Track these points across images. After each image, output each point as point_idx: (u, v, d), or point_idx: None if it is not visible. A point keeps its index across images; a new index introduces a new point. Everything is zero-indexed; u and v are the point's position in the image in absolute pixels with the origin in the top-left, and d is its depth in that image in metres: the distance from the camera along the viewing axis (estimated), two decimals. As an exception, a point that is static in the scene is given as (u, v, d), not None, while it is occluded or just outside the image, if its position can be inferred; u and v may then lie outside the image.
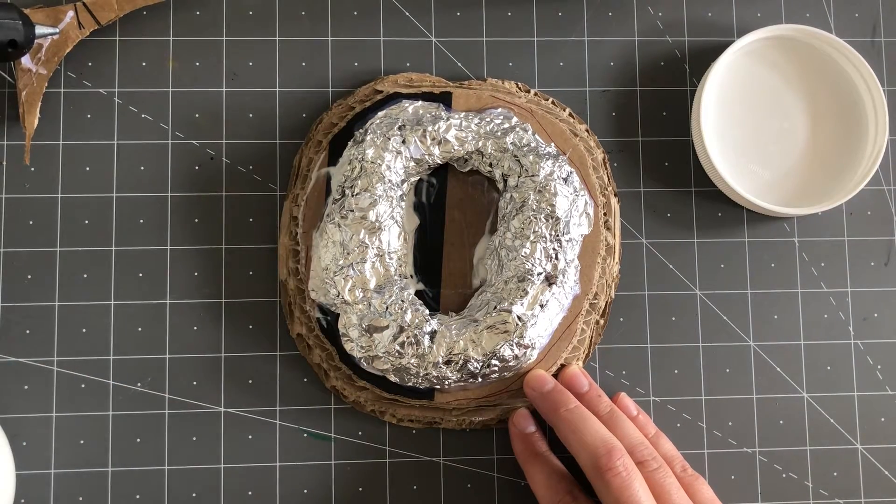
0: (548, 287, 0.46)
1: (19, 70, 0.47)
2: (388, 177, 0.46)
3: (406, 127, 0.47)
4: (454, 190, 0.49)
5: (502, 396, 0.48)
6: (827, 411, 0.51)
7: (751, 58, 0.52)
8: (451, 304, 0.48)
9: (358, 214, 0.46)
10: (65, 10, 0.48)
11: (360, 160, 0.46)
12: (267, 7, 0.51)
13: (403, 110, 0.48)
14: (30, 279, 0.48)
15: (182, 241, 0.49)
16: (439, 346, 0.45)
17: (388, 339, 0.45)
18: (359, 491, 0.48)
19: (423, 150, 0.47)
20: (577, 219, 0.47)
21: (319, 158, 0.48)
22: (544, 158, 0.47)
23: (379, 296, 0.46)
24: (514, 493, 0.49)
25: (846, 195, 0.50)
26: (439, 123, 0.47)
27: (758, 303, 0.51)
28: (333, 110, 0.49)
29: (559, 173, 0.47)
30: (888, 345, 0.51)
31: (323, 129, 0.49)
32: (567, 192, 0.47)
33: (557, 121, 0.49)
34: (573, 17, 0.52)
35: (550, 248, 0.46)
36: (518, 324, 0.45)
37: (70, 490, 0.47)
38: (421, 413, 0.48)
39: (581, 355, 0.48)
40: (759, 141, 0.51)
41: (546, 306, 0.46)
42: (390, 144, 0.46)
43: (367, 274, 0.46)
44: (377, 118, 0.48)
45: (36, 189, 0.49)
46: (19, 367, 0.48)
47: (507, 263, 0.46)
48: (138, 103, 0.50)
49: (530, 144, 0.47)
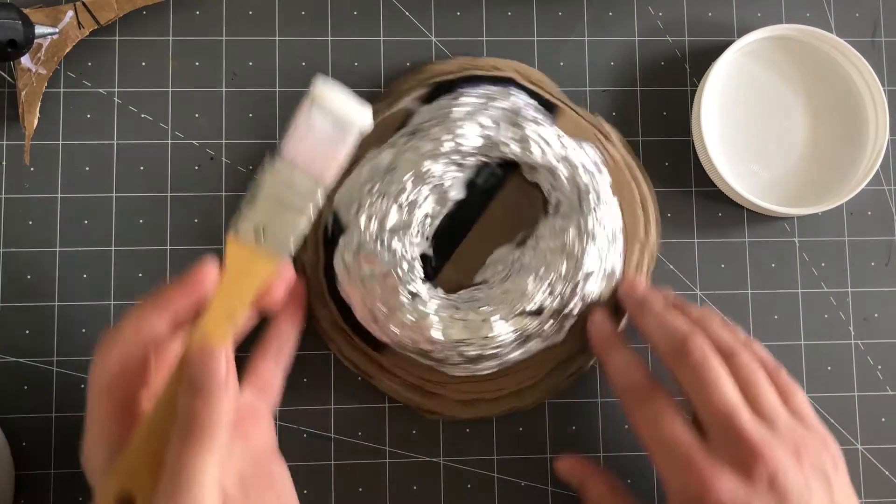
0: (533, 319, 0.46)
1: (19, 70, 0.47)
2: (461, 141, 0.46)
3: (502, 108, 0.46)
4: (511, 189, 0.48)
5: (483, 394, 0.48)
6: (827, 411, 0.51)
7: (751, 58, 0.52)
8: (446, 284, 0.48)
9: (416, 157, 0.46)
10: (64, 9, 0.48)
11: (447, 113, 0.46)
12: (267, 7, 0.51)
13: (509, 97, 0.48)
14: (30, 279, 0.48)
15: (182, 241, 0.49)
16: (412, 310, 0.45)
17: (371, 274, 0.45)
18: (359, 491, 0.48)
19: (505, 137, 0.46)
20: (597, 279, 0.47)
21: (416, 93, 0.48)
22: (600, 224, 0.46)
23: (390, 235, 0.45)
24: (515, 493, 0.49)
25: (846, 195, 0.50)
26: (534, 126, 0.46)
27: (758, 303, 0.51)
28: (451, 62, 0.49)
29: (603, 238, 0.46)
30: (888, 345, 0.51)
31: (438, 71, 0.49)
32: (598, 256, 0.46)
33: (635, 188, 0.49)
34: (573, 17, 0.52)
35: (559, 290, 0.46)
36: (488, 334, 0.45)
37: (70, 490, 0.47)
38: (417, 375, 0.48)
39: None
40: (759, 141, 0.51)
41: (523, 336, 0.46)
42: (482, 116, 0.46)
43: (392, 212, 0.46)
44: (484, 88, 0.48)
45: (36, 189, 0.49)
46: (19, 367, 0.48)
47: (514, 277, 0.46)
48: (138, 103, 0.50)
49: (597, 198, 0.46)
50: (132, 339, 0.36)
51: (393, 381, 0.48)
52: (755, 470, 0.38)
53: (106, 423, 0.36)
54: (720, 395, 0.40)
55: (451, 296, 0.47)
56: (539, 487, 0.49)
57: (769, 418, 0.40)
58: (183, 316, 0.37)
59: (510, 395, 0.48)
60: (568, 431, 0.50)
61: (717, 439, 0.39)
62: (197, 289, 0.37)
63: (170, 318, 0.37)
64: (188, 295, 0.37)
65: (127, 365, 0.36)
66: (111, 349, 0.36)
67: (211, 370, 0.35)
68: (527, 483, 0.49)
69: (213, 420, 0.34)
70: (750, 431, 0.39)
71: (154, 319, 0.36)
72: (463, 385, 0.48)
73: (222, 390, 0.35)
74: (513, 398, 0.48)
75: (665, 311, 0.45)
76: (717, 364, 0.41)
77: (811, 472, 0.39)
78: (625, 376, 0.44)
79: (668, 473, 0.40)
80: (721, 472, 0.38)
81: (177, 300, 0.37)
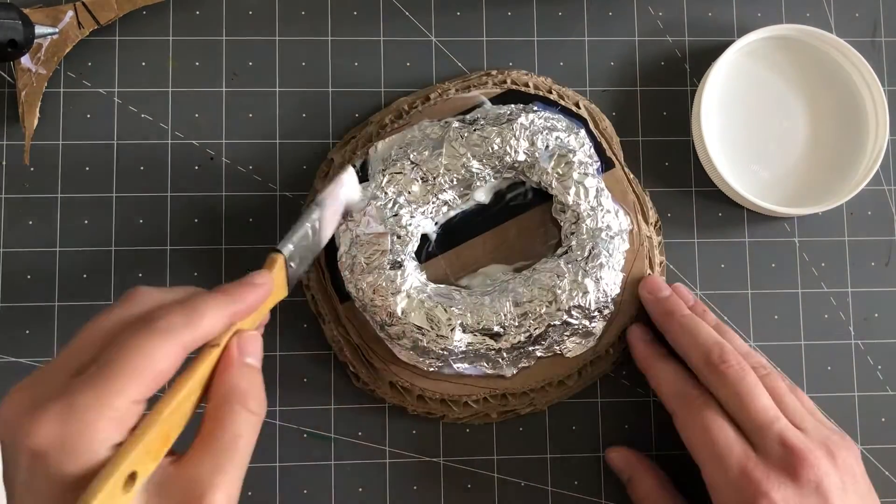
0: (492, 341, 0.46)
1: (19, 70, 0.47)
2: (508, 150, 0.46)
3: (562, 141, 0.47)
4: (533, 216, 0.49)
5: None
6: (827, 411, 0.50)
7: (751, 58, 0.52)
8: (432, 272, 0.48)
9: (460, 146, 0.46)
10: (64, 9, 0.48)
11: (510, 119, 0.46)
12: (267, 7, 0.51)
13: (573, 134, 0.48)
14: (30, 279, 0.48)
15: (182, 241, 0.49)
16: (389, 277, 0.45)
17: (368, 229, 0.45)
18: (359, 491, 0.48)
19: (550, 167, 0.46)
20: (575, 337, 0.47)
21: (491, 90, 0.49)
22: (597, 286, 0.46)
23: (403, 202, 0.46)
24: (514, 493, 0.49)
25: (846, 195, 0.50)
26: (581, 171, 0.47)
27: (758, 303, 0.51)
28: (539, 79, 0.50)
29: (593, 299, 0.46)
30: (888, 345, 0.51)
31: (520, 80, 0.49)
32: (582, 314, 0.46)
33: (647, 268, 0.49)
34: (573, 17, 0.52)
35: (530, 326, 0.45)
36: (444, 335, 0.45)
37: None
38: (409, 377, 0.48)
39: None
40: (759, 141, 0.51)
41: (474, 352, 0.46)
42: (539, 138, 0.46)
43: (416, 184, 0.46)
44: (556, 115, 0.48)
45: (36, 189, 0.49)
46: (19, 367, 0.48)
47: (495, 295, 0.46)
48: (138, 103, 0.50)
49: (606, 261, 0.46)
50: (196, 336, 0.35)
51: (340, 331, 0.48)
52: (803, 476, 0.41)
53: (124, 410, 0.34)
54: (761, 406, 0.42)
55: (430, 284, 0.47)
56: (539, 487, 0.49)
57: (799, 423, 0.43)
58: (239, 319, 0.37)
59: (440, 402, 0.48)
60: (568, 431, 0.50)
61: (764, 448, 0.41)
62: (259, 297, 0.37)
63: (230, 321, 0.36)
64: (250, 302, 0.37)
65: (178, 358, 0.34)
66: (171, 339, 0.34)
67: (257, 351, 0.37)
68: (527, 483, 0.49)
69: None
70: (793, 439, 0.41)
71: (219, 321, 0.35)
72: (403, 371, 0.47)
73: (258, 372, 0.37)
74: (442, 406, 0.48)
75: (692, 319, 0.46)
76: (753, 376, 0.43)
77: (844, 471, 0.42)
78: (674, 386, 0.45)
79: (720, 480, 0.42)
80: (775, 481, 0.41)
81: (240, 306, 0.36)
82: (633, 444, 0.49)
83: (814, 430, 0.43)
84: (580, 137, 0.48)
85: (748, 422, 0.42)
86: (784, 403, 0.43)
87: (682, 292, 0.49)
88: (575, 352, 0.48)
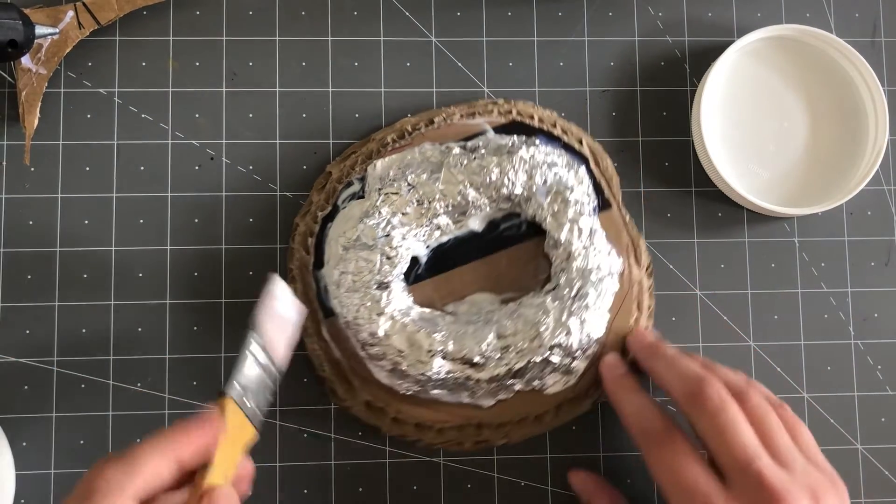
0: (473, 371, 0.45)
1: (19, 70, 0.47)
2: (506, 182, 0.46)
3: (560, 178, 0.47)
4: (525, 249, 0.48)
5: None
6: (827, 411, 0.51)
7: (751, 58, 0.52)
8: (418, 296, 0.47)
9: (458, 173, 0.46)
10: (65, 10, 0.48)
11: (511, 151, 0.46)
12: (267, 7, 0.51)
13: (572, 170, 0.47)
14: (30, 279, 0.48)
15: (182, 241, 0.49)
16: (374, 296, 0.45)
17: (360, 243, 0.45)
18: (359, 491, 0.48)
19: (546, 203, 0.46)
20: (556, 374, 0.47)
21: (496, 119, 0.49)
22: (581, 327, 0.46)
23: (397, 227, 0.46)
24: (515, 493, 0.49)
25: (846, 195, 0.50)
26: (577, 209, 0.47)
27: (758, 303, 0.51)
28: (546, 112, 0.50)
29: (576, 339, 0.46)
30: (888, 345, 0.51)
31: (525, 112, 0.49)
32: (563, 352, 0.46)
33: (634, 311, 0.48)
34: (573, 17, 0.52)
35: (511, 359, 0.45)
36: (423, 360, 0.45)
37: (70, 490, 0.47)
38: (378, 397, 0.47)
39: None
40: (759, 141, 0.51)
41: (453, 381, 0.46)
42: (538, 172, 0.46)
43: (411, 206, 0.46)
44: (558, 150, 0.48)
45: (36, 189, 0.49)
46: (19, 367, 0.48)
47: (479, 325, 0.46)
48: (138, 103, 0.50)
49: (593, 302, 0.46)
50: (139, 484, 0.35)
51: (321, 346, 0.47)
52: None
53: None
54: (739, 442, 0.40)
55: (416, 307, 0.47)
56: (539, 487, 0.49)
57: (786, 462, 0.40)
58: (187, 464, 0.37)
59: (415, 427, 0.48)
60: (568, 431, 0.50)
61: (737, 486, 0.40)
62: (204, 439, 0.37)
63: (176, 465, 0.36)
64: (195, 444, 0.37)
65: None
66: (113, 496, 0.35)
67: None
68: (527, 483, 0.49)
69: None
70: (770, 478, 0.39)
71: (163, 465, 0.36)
72: (379, 391, 0.47)
73: None
74: (416, 430, 0.48)
75: (675, 356, 0.45)
76: (735, 409, 0.41)
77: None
78: (641, 420, 0.44)
79: None
80: None
81: (184, 448, 0.36)
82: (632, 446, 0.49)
83: (802, 471, 0.40)
84: (579, 175, 0.47)
85: (726, 458, 0.40)
86: (772, 440, 0.41)
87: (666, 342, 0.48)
88: (554, 388, 0.47)
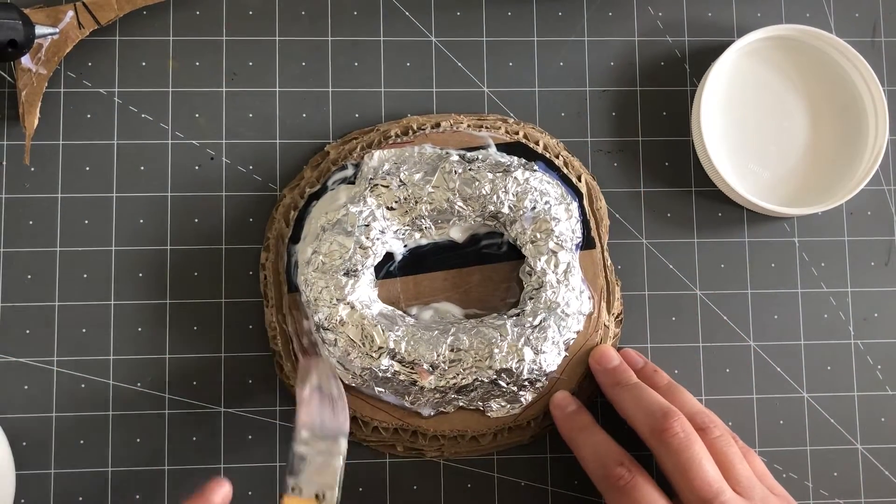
0: (418, 376, 0.45)
1: (19, 70, 0.47)
2: (495, 200, 0.46)
3: (548, 208, 0.47)
4: (501, 270, 0.48)
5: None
6: (827, 411, 0.51)
7: (751, 58, 0.52)
8: (384, 292, 0.48)
9: (451, 181, 0.46)
10: (65, 9, 0.48)
11: (508, 170, 0.46)
12: (267, 7, 0.51)
13: (564, 204, 0.47)
14: (30, 279, 0.48)
15: (182, 241, 0.49)
16: (337, 282, 0.45)
17: (338, 226, 0.45)
18: (359, 491, 0.48)
19: (530, 229, 0.46)
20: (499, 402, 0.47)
21: (501, 136, 0.49)
22: (536, 360, 0.46)
23: (379, 220, 0.46)
24: (515, 493, 0.49)
25: (846, 195, 0.50)
26: (558, 242, 0.47)
27: (758, 303, 0.51)
28: (552, 140, 0.50)
29: (525, 371, 0.46)
30: (888, 345, 0.51)
31: (533, 136, 0.49)
32: (510, 380, 0.46)
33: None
34: (573, 17, 0.52)
35: (458, 373, 0.45)
36: (372, 354, 0.45)
37: (70, 490, 0.47)
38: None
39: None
40: (759, 141, 0.51)
41: (398, 383, 0.45)
42: (528, 197, 0.46)
43: (397, 202, 0.46)
44: (556, 181, 0.48)
45: (36, 189, 0.49)
46: (19, 367, 0.48)
47: (436, 333, 0.46)
48: (138, 103, 0.50)
49: (552, 343, 0.46)
50: None
51: (279, 319, 0.47)
52: None
53: None
54: (703, 478, 0.41)
55: (379, 303, 0.47)
56: (539, 487, 0.49)
57: (746, 491, 0.42)
58: None
59: (350, 419, 0.47)
60: (568, 431, 0.50)
61: None
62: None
63: None
64: None
65: None
66: None
67: None
68: (527, 483, 0.49)
69: None
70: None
71: None
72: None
73: None
74: (352, 423, 0.47)
75: (639, 387, 0.45)
76: (699, 446, 0.42)
77: None
78: (598, 466, 0.44)
79: None
80: None
81: None
82: (633, 444, 0.49)
83: (761, 499, 0.42)
84: (570, 209, 0.48)
85: (691, 495, 0.41)
86: (733, 471, 0.42)
87: (631, 357, 0.48)
88: (497, 413, 0.47)
